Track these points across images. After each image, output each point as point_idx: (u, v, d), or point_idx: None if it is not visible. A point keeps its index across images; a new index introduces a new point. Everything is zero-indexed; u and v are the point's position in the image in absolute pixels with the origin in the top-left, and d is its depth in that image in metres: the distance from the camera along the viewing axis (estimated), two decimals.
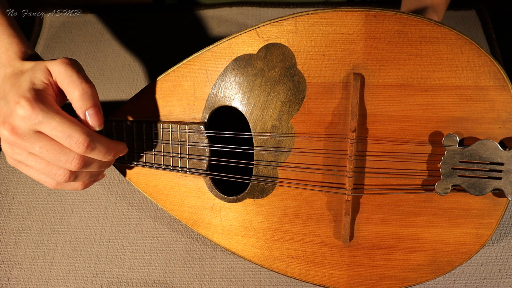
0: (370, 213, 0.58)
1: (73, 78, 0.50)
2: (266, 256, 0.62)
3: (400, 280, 0.60)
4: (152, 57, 0.85)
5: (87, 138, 0.48)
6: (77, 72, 0.50)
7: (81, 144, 0.48)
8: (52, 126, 0.48)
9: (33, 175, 0.53)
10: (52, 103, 0.49)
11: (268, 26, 0.55)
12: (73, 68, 0.50)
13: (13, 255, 0.67)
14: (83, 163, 0.51)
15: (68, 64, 0.50)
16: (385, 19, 0.53)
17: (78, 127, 0.49)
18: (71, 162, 0.50)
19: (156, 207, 0.71)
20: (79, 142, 0.48)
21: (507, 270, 0.65)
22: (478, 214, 0.57)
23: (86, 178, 0.55)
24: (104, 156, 0.51)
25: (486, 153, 0.54)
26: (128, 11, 0.91)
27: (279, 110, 0.57)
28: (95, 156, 0.51)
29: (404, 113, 0.55)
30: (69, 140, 0.48)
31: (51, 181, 0.53)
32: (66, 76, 0.50)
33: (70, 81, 0.50)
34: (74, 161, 0.50)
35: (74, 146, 0.48)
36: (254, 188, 0.60)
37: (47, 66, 0.51)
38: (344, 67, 0.55)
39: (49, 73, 0.51)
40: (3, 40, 0.56)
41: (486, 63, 0.53)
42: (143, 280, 0.65)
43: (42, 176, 0.53)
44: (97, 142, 0.50)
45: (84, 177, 0.54)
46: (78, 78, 0.50)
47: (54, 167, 0.51)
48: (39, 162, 0.51)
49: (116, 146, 0.54)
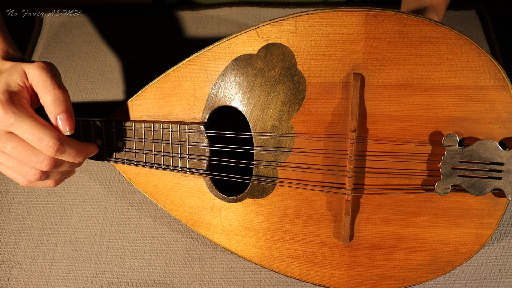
0: (370, 213, 0.58)
1: (46, 83, 0.51)
2: (266, 256, 0.62)
3: (400, 280, 0.60)
4: (152, 57, 0.85)
5: (57, 142, 0.50)
6: (51, 77, 0.51)
7: (51, 147, 0.50)
8: (23, 129, 0.49)
9: (5, 172, 0.54)
10: (25, 106, 0.51)
11: (268, 26, 0.55)
12: (48, 73, 0.51)
13: (13, 255, 0.67)
14: (53, 164, 0.52)
15: (43, 68, 0.51)
16: (385, 19, 0.53)
17: (49, 131, 0.50)
18: (42, 163, 0.51)
19: (156, 207, 0.71)
20: (49, 145, 0.50)
21: (507, 270, 0.65)
22: (478, 214, 0.57)
23: (57, 177, 0.56)
24: (74, 158, 0.53)
25: (486, 153, 0.54)
26: (128, 11, 0.91)
27: (279, 110, 0.57)
28: (65, 158, 0.52)
29: (404, 113, 0.55)
30: (39, 143, 0.50)
31: (23, 179, 0.54)
32: (41, 80, 0.51)
33: (43, 86, 0.51)
34: (44, 162, 0.51)
35: (44, 149, 0.50)
36: (254, 188, 0.60)
37: (24, 69, 0.52)
38: (344, 67, 0.55)
39: (25, 76, 0.52)
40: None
41: (486, 63, 0.53)
42: (143, 280, 0.65)
43: (13, 174, 0.54)
44: (67, 145, 0.51)
45: (56, 176, 0.56)
46: (51, 84, 0.51)
47: (26, 167, 0.52)
48: (11, 161, 0.52)
49: (86, 148, 0.55)
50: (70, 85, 0.82)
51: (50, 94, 0.51)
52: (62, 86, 0.52)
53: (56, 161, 0.52)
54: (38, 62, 0.52)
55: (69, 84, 0.82)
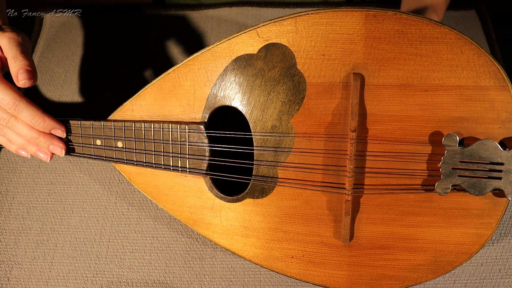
0: (370, 213, 0.58)
1: (12, 50, 0.59)
2: (266, 256, 0.62)
3: (400, 280, 0.60)
4: (152, 57, 0.85)
5: (15, 102, 0.58)
6: (16, 45, 0.59)
7: (10, 105, 0.58)
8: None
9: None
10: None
11: (268, 26, 0.55)
12: (14, 42, 0.60)
13: (13, 255, 0.67)
14: (13, 121, 0.60)
15: (11, 38, 0.60)
16: (385, 19, 0.53)
17: (11, 91, 0.58)
18: (3, 119, 0.60)
19: (156, 207, 0.71)
20: (9, 103, 0.58)
21: (507, 270, 0.65)
22: (478, 214, 0.57)
23: (18, 139, 0.63)
24: (31, 121, 0.60)
25: (486, 153, 0.54)
26: (128, 11, 0.91)
27: (279, 110, 0.57)
28: (24, 118, 0.60)
29: (404, 113, 0.55)
30: (1, 101, 0.58)
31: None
32: (8, 48, 0.59)
33: (9, 52, 0.59)
34: (6, 118, 0.60)
35: (6, 106, 0.59)
36: (254, 188, 0.60)
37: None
38: (344, 67, 0.55)
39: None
40: None
41: (486, 63, 0.53)
42: (143, 280, 0.65)
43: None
44: (24, 107, 0.59)
45: (24, 143, 0.63)
46: (16, 50, 0.59)
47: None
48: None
49: (44, 117, 0.60)
50: (70, 85, 0.82)
51: (13, 59, 0.59)
52: (26, 52, 0.60)
53: (17, 119, 0.60)
54: (8, 32, 0.60)
55: (69, 84, 0.83)
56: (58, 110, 0.80)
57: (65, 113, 0.79)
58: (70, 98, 0.81)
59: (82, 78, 0.83)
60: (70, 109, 0.80)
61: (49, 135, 0.62)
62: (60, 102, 0.81)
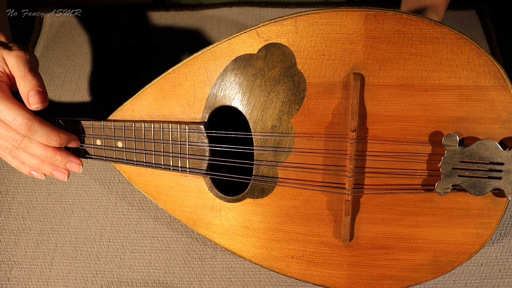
0: (370, 213, 0.58)
1: (20, 68, 0.57)
2: (266, 256, 0.62)
3: (400, 280, 0.60)
4: (152, 57, 0.85)
5: (29, 122, 0.56)
6: (24, 64, 0.57)
7: (24, 126, 0.56)
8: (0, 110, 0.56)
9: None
10: (3, 89, 0.56)
11: (268, 26, 0.55)
12: (22, 60, 0.57)
13: (13, 255, 0.67)
14: (26, 141, 0.58)
15: (18, 56, 0.57)
16: (385, 19, 0.53)
17: (23, 111, 0.56)
18: (16, 140, 0.58)
19: (156, 207, 0.71)
20: (22, 124, 0.56)
21: (507, 270, 0.65)
22: (478, 214, 0.57)
23: (42, 167, 0.61)
24: (47, 140, 0.58)
25: (486, 153, 0.54)
26: (128, 11, 0.91)
27: (279, 110, 0.57)
28: (38, 138, 0.58)
29: (404, 113, 0.55)
30: (14, 122, 0.56)
31: (8, 156, 0.61)
32: (16, 67, 0.57)
33: (17, 71, 0.57)
34: (19, 139, 0.58)
35: (19, 128, 0.56)
36: (254, 188, 0.60)
37: (3, 55, 0.58)
38: (344, 67, 0.55)
39: (5, 62, 0.58)
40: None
41: (486, 63, 0.53)
42: (143, 280, 0.65)
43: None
44: (39, 126, 0.57)
45: (38, 165, 0.61)
46: (24, 69, 0.57)
47: (5, 142, 0.59)
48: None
49: (59, 133, 0.59)
50: (70, 85, 0.82)
51: (22, 78, 0.57)
52: (34, 70, 0.58)
53: (31, 139, 0.58)
54: (16, 50, 0.58)
55: (69, 84, 0.83)
56: (58, 110, 0.80)
57: (65, 113, 0.79)
58: (70, 98, 0.81)
59: (82, 78, 0.83)
60: (70, 109, 0.80)
61: (65, 153, 0.61)
62: (60, 102, 0.81)
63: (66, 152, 0.61)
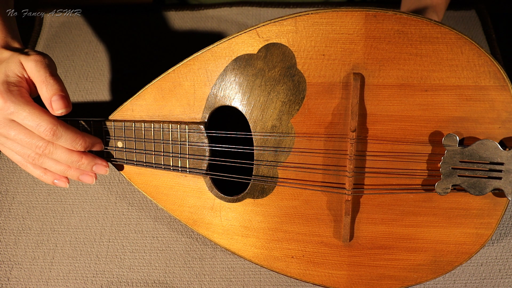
0: (370, 213, 0.58)
1: (40, 73, 0.55)
2: (266, 256, 0.62)
3: (400, 280, 0.60)
4: (152, 57, 0.85)
5: (53, 127, 0.54)
6: (44, 68, 0.55)
7: (48, 131, 0.54)
8: (22, 116, 0.54)
9: (12, 156, 0.59)
10: (24, 95, 0.55)
11: (268, 26, 0.55)
12: (42, 65, 0.55)
13: (13, 255, 0.67)
14: (51, 147, 0.57)
15: (38, 61, 0.55)
16: (385, 19, 0.53)
17: (46, 116, 0.54)
18: (41, 147, 0.56)
19: (156, 207, 0.71)
20: (46, 130, 0.54)
21: (507, 270, 0.65)
22: (478, 214, 0.57)
23: (67, 172, 0.60)
24: (72, 144, 0.56)
25: (486, 153, 0.54)
26: (128, 11, 0.91)
27: (279, 110, 0.57)
28: (63, 143, 0.56)
29: (404, 113, 0.55)
30: (38, 128, 0.54)
31: (29, 166, 0.60)
32: (35, 71, 0.55)
33: (38, 76, 0.55)
34: (43, 145, 0.56)
35: (43, 134, 0.54)
36: (254, 188, 0.60)
37: (20, 60, 0.55)
38: (344, 67, 0.55)
39: (23, 67, 0.55)
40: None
41: (486, 63, 0.53)
42: (143, 280, 0.65)
43: (18, 158, 0.59)
44: (63, 131, 0.55)
45: (65, 170, 0.59)
46: (44, 74, 0.55)
47: (28, 150, 0.57)
48: (15, 145, 0.57)
49: (84, 137, 0.57)
50: (70, 85, 0.82)
51: (44, 83, 0.55)
52: (55, 75, 0.56)
53: (55, 145, 0.56)
54: (34, 55, 0.56)
55: (69, 84, 0.82)
56: None
57: None
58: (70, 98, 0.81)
59: (82, 78, 0.83)
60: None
61: (90, 156, 0.59)
62: None
63: (91, 155, 0.60)
